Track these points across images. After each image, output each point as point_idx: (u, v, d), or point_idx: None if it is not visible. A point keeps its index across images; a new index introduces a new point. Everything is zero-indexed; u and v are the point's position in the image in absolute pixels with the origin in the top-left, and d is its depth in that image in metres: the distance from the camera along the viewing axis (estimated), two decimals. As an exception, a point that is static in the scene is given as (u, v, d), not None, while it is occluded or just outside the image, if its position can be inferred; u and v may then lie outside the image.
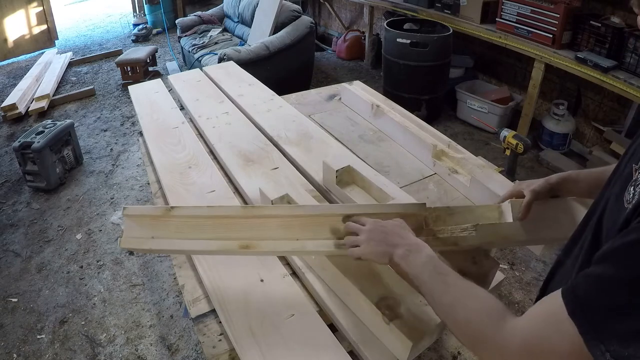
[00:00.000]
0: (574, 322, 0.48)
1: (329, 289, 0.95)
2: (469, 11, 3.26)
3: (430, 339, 0.84)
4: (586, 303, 0.48)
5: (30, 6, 5.22)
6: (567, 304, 0.50)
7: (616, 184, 0.60)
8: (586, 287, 0.49)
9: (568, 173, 0.92)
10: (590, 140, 3.09)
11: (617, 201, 0.56)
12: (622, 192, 0.55)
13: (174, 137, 1.58)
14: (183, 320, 1.97)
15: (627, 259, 0.46)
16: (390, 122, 1.63)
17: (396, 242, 0.78)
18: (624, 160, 0.63)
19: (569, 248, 0.70)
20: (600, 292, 0.48)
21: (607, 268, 0.48)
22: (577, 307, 0.49)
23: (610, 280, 0.47)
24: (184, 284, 1.02)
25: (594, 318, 0.47)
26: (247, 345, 0.84)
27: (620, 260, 0.47)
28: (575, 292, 0.50)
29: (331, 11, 5.35)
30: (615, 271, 0.47)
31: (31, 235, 2.53)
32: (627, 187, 0.54)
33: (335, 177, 1.20)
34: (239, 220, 0.89)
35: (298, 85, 3.05)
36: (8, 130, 3.70)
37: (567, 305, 0.50)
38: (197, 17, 4.64)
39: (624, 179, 0.57)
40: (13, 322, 2.00)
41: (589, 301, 0.48)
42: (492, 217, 0.91)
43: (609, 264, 0.48)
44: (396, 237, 0.79)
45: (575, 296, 0.50)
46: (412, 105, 3.10)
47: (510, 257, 2.25)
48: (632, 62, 2.38)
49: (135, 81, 3.59)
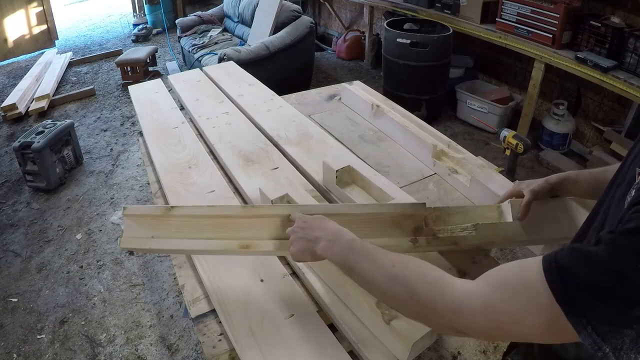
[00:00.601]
0: (552, 290, 0.46)
1: (329, 289, 0.95)
2: (469, 11, 3.26)
3: (430, 339, 0.84)
4: (570, 274, 0.46)
5: (30, 6, 5.22)
6: (547, 272, 0.48)
7: (619, 188, 0.58)
8: (572, 260, 0.47)
9: (567, 173, 0.92)
10: (590, 140, 3.09)
11: (618, 205, 0.54)
12: (624, 196, 0.54)
13: (174, 137, 1.58)
14: (183, 320, 1.97)
15: (618, 247, 0.45)
16: (390, 122, 1.63)
17: (317, 235, 0.77)
18: (626, 163, 0.62)
19: None
20: (586, 269, 0.46)
21: (599, 249, 0.46)
22: (560, 276, 0.47)
23: (600, 262, 0.45)
24: (184, 284, 1.02)
25: (577, 290, 0.45)
26: (247, 345, 0.84)
27: (613, 247, 0.45)
28: (559, 262, 0.48)
29: (331, 11, 5.35)
30: (606, 255, 0.45)
31: (31, 235, 2.53)
32: (629, 191, 0.53)
33: (335, 177, 1.20)
34: (239, 219, 0.89)
35: (298, 85, 3.05)
36: (8, 130, 3.70)
37: (546, 273, 0.48)
38: (197, 17, 4.64)
39: (626, 182, 0.56)
40: (13, 322, 2.00)
41: (574, 273, 0.46)
42: (492, 217, 0.91)
43: (602, 246, 0.46)
44: (316, 231, 0.78)
45: (558, 265, 0.48)
46: (412, 105, 3.10)
47: (510, 257, 2.25)
48: (632, 62, 2.38)
49: (135, 81, 3.59)
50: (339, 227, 0.78)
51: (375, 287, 0.65)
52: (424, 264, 0.62)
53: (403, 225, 0.88)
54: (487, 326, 0.53)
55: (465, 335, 0.56)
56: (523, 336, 0.51)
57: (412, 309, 0.61)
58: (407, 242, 0.87)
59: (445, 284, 0.57)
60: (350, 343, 0.87)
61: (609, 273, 0.44)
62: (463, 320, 0.54)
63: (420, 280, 0.59)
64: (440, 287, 0.57)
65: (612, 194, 0.61)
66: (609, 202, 0.60)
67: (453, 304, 0.55)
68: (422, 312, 0.59)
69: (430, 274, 0.60)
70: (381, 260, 0.66)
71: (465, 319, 0.54)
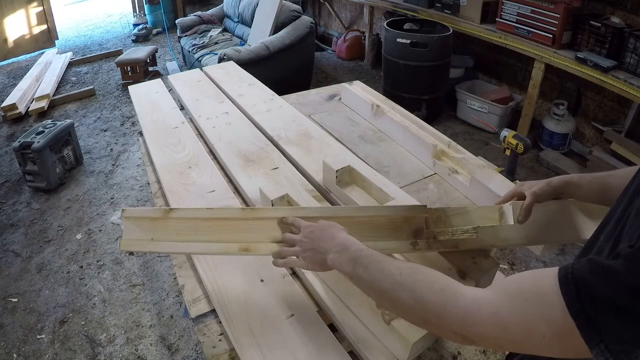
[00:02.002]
0: (567, 302, 0.45)
1: (329, 289, 0.95)
2: (469, 11, 3.26)
3: (430, 339, 0.84)
4: (586, 287, 0.45)
5: (30, 6, 5.22)
6: (562, 284, 0.46)
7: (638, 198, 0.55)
8: (589, 273, 0.45)
9: (570, 176, 0.90)
10: (590, 140, 3.09)
11: (637, 216, 0.52)
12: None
13: (174, 137, 1.58)
14: (183, 320, 1.97)
15: (637, 263, 0.43)
16: (390, 122, 1.63)
17: (326, 246, 0.77)
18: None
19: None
20: (603, 283, 0.44)
21: (617, 264, 0.44)
22: (575, 288, 0.45)
23: (618, 277, 0.43)
24: (184, 284, 1.02)
25: (592, 305, 0.44)
26: (247, 345, 0.84)
27: (632, 262, 0.44)
28: (575, 275, 0.46)
29: (331, 11, 5.35)
30: (624, 270, 0.44)
31: (31, 235, 2.53)
32: None
33: (335, 177, 1.20)
34: (239, 222, 0.88)
35: (298, 85, 3.05)
36: (8, 130, 3.70)
37: (562, 285, 0.46)
38: (197, 17, 4.64)
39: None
40: (13, 322, 2.00)
41: (590, 287, 0.44)
42: (493, 218, 0.91)
43: (620, 261, 0.44)
44: (326, 242, 0.78)
45: (574, 278, 0.46)
46: (412, 105, 3.10)
47: (510, 257, 2.25)
48: (632, 62, 2.38)
49: (135, 81, 3.59)
50: (346, 237, 0.77)
51: (384, 296, 0.65)
52: (432, 272, 0.62)
53: (403, 227, 0.87)
54: (496, 336, 0.51)
55: (473, 343, 0.56)
56: (533, 348, 0.50)
57: (420, 316, 0.60)
58: (407, 245, 0.86)
59: (455, 291, 0.56)
60: (350, 343, 0.87)
61: (626, 289, 0.43)
62: (472, 329, 0.53)
63: (429, 287, 0.59)
64: (449, 294, 0.56)
65: (626, 202, 0.58)
66: (623, 211, 0.58)
67: (462, 311, 0.54)
68: (431, 320, 0.58)
69: (439, 281, 0.59)
70: (388, 268, 0.65)
71: (474, 327, 0.53)
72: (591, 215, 0.93)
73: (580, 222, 0.93)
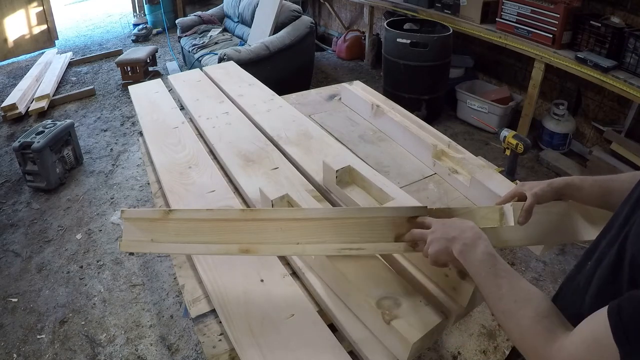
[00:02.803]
0: (619, 348, 0.47)
1: (329, 289, 0.95)
2: (469, 11, 3.26)
3: (430, 339, 0.84)
4: (632, 329, 0.47)
5: (30, 6, 5.22)
6: (613, 327, 0.49)
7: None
8: (632, 311, 0.48)
9: (572, 178, 0.89)
10: (590, 140, 3.09)
11: None
12: None
13: (174, 137, 1.58)
14: (183, 320, 1.97)
15: None
16: (390, 122, 1.63)
17: (455, 235, 0.76)
18: None
19: (581, 264, 0.69)
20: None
21: None
22: (623, 332, 0.48)
23: None
24: (184, 284, 1.02)
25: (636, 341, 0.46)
26: (247, 345, 0.84)
27: None
28: (621, 316, 0.49)
29: (331, 11, 5.35)
30: None
31: (31, 235, 2.53)
32: None
33: (335, 177, 1.20)
34: (239, 223, 0.88)
35: (298, 85, 3.05)
36: (8, 130, 3.70)
37: (612, 329, 0.49)
38: (197, 17, 4.64)
39: None
40: (13, 322, 2.00)
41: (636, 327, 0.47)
42: (493, 219, 0.91)
43: None
44: (455, 230, 0.77)
45: (621, 320, 0.48)
46: (412, 105, 3.10)
47: (510, 257, 2.25)
48: (632, 62, 2.38)
49: (135, 81, 3.59)
50: (477, 233, 0.76)
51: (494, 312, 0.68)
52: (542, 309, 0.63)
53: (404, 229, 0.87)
54: None
55: None
56: None
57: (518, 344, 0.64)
58: (407, 247, 0.86)
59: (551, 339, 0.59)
60: (350, 343, 0.87)
61: None
62: None
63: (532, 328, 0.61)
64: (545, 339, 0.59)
65: (630, 209, 0.60)
66: (626, 217, 0.59)
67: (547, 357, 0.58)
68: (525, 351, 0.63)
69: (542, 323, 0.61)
70: (506, 289, 0.67)
71: None
72: (591, 218, 0.93)
73: (581, 224, 0.93)
